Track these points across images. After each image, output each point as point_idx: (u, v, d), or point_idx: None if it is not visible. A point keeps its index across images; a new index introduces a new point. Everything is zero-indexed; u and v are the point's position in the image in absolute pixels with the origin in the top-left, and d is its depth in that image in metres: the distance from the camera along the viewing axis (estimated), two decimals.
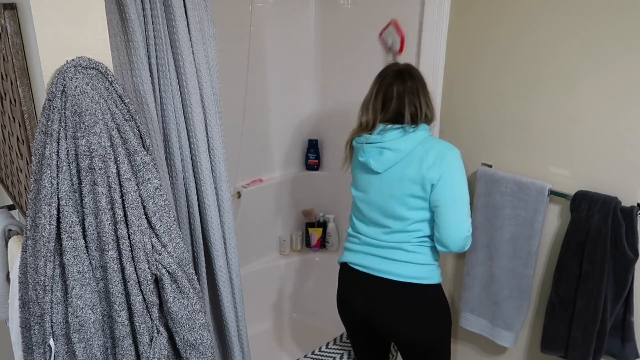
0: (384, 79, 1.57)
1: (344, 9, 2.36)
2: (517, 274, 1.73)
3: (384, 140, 1.52)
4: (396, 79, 1.55)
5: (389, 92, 1.54)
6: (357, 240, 1.67)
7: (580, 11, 1.50)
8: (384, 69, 1.61)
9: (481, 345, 2.02)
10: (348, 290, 1.68)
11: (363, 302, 1.63)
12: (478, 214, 1.82)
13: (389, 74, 1.57)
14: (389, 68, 1.60)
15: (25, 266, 1.01)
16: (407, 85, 1.54)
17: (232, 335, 1.47)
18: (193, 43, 1.25)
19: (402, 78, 1.55)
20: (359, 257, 1.64)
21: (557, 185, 1.64)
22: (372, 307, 1.61)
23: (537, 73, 1.63)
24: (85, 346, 0.99)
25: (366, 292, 1.62)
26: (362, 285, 1.63)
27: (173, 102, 1.26)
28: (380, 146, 1.53)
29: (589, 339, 1.53)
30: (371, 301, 1.61)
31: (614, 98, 1.48)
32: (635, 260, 1.48)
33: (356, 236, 1.67)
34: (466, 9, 1.78)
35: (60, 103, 0.93)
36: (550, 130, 1.63)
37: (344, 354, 1.93)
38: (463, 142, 1.89)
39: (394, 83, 1.54)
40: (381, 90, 1.56)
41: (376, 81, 1.59)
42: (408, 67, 1.60)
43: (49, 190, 0.94)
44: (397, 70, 1.57)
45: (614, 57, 1.45)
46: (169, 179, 1.31)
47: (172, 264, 1.04)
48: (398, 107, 1.53)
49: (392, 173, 1.53)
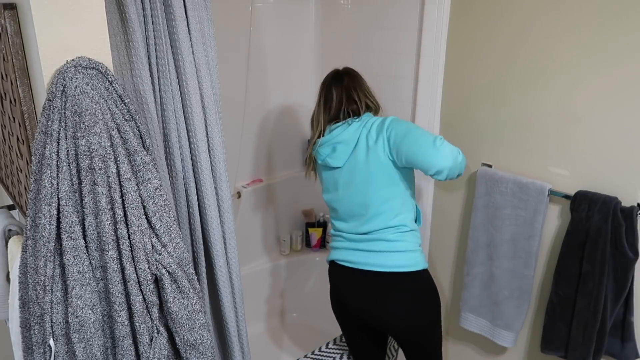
0: (323, 85, 1.70)
1: (344, 9, 2.36)
2: (517, 274, 1.73)
3: (333, 137, 1.61)
4: (333, 80, 1.67)
5: (329, 94, 1.66)
6: (339, 237, 1.69)
7: (580, 11, 1.50)
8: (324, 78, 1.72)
9: (481, 345, 2.02)
10: (338, 287, 1.70)
11: (354, 297, 1.64)
12: (478, 214, 1.82)
13: (326, 79, 1.70)
14: (328, 75, 1.72)
15: (25, 266, 1.01)
16: (344, 83, 1.65)
17: (232, 335, 1.47)
18: (193, 43, 1.25)
19: (339, 78, 1.67)
20: (344, 253, 1.65)
21: (557, 185, 1.64)
22: (363, 301, 1.62)
23: (537, 73, 1.63)
24: (85, 346, 0.99)
25: (355, 287, 1.63)
26: (351, 280, 1.64)
27: (173, 102, 1.26)
28: (331, 143, 1.62)
29: (589, 339, 1.53)
30: (361, 295, 1.62)
31: (614, 98, 1.48)
32: (635, 260, 1.48)
33: (338, 234, 1.70)
34: (466, 9, 1.78)
35: (60, 103, 0.93)
36: (550, 130, 1.63)
37: (344, 354, 1.93)
38: (463, 142, 1.89)
39: (332, 85, 1.66)
40: (322, 94, 1.68)
41: (319, 90, 1.71)
42: (345, 68, 1.71)
43: (49, 190, 0.94)
44: (333, 74, 1.70)
45: (614, 57, 1.46)
46: (169, 179, 1.31)
47: (172, 264, 1.04)
48: (338, 105, 1.64)
49: (351, 163, 1.59)
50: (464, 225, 1.95)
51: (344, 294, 1.68)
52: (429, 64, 1.92)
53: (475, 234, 1.84)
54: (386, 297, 1.58)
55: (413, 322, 1.60)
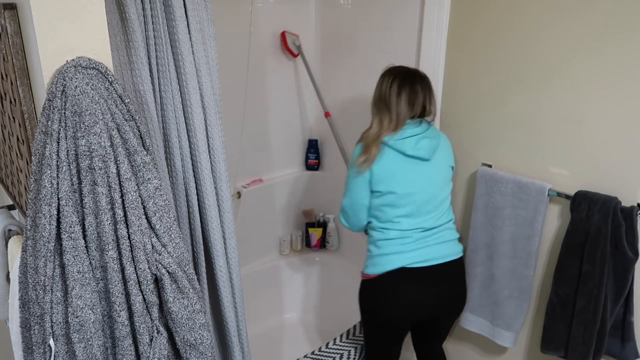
0: (403, 78, 1.67)
1: (344, 9, 2.36)
2: (517, 274, 1.73)
3: (419, 131, 1.65)
4: (416, 78, 1.67)
5: (413, 90, 1.65)
6: (406, 239, 1.66)
7: (580, 11, 1.50)
8: (391, 70, 1.70)
9: (481, 345, 2.02)
10: (412, 292, 1.66)
11: (434, 295, 1.69)
12: (478, 214, 1.82)
13: (406, 74, 1.68)
14: (400, 69, 1.69)
15: (25, 266, 1.01)
16: (425, 83, 1.69)
17: (232, 335, 1.47)
18: (193, 43, 1.25)
19: (420, 77, 1.69)
20: (415, 255, 1.65)
21: (557, 185, 1.64)
22: (443, 295, 1.70)
23: (538, 73, 1.63)
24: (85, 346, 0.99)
25: (436, 283, 1.68)
26: (430, 278, 1.67)
27: (173, 102, 1.26)
28: (418, 137, 1.64)
29: (589, 339, 1.53)
30: (442, 288, 1.70)
31: (614, 98, 1.48)
32: (635, 260, 1.48)
33: (404, 236, 1.66)
34: (466, 9, 1.78)
35: (60, 103, 0.93)
36: (550, 130, 1.63)
37: (344, 354, 1.94)
38: (463, 142, 1.89)
39: (415, 81, 1.66)
40: (404, 89, 1.65)
41: (392, 80, 1.66)
42: (415, 69, 1.72)
43: (49, 190, 0.94)
44: (412, 71, 1.69)
45: (614, 57, 1.45)
46: (169, 179, 1.31)
47: (172, 264, 1.04)
48: (423, 102, 1.68)
49: (437, 159, 1.68)
50: (464, 225, 1.95)
51: (423, 296, 1.67)
52: (429, 64, 1.92)
53: (475, 234, 1.84)
54: (460, 281, 1.74)
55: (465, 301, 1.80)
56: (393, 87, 1.65)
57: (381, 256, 1.67)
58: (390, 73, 1.69)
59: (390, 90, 1.65)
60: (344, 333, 2.04)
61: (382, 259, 1.67)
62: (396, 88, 1.64)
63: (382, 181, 1.63)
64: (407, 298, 1.66)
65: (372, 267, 1.69)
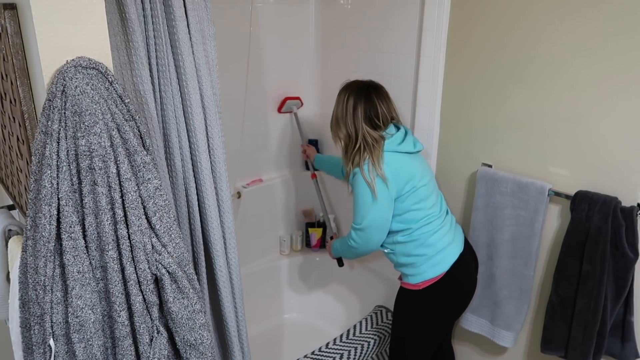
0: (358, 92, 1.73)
1: (344, 9, 2.36)
2: (517, 274, 1.73)
3: (399, 128, 1.74)
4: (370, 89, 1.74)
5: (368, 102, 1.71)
6: (445, 229, 1.70)
7: (580, 12, 1.50)
8: (345, 87, 1.78)
9: (481, 345, 2.02)
10: (470, 274, 1.76)
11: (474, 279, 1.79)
12: (478, 214, 1.82)
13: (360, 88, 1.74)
14: (354, 84, 1.77)
15: (25, 266, 1.01)
16: (379, 92, 1.75)
17: (232, 335, 1.47)
18: (193, 43, 1.24)
19: (375, 87, 1.76)
20: (456, 245, 1.71)
21: (557, 185, 1.64)
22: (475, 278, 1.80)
23: (538, 73, 1.63)
24: (85, 346, 0.99)
25: (473, 267, 1.77)
26: (471, 262, 1.75)
27: (173, 102, 1.26)
28: (407, 134, 1.73)
29: (589, 339, 1.53)
30: (475, 271, 1.80)
31: (614, 98, 1.48)
32: (635, 260, 1.48)
33: (442, 226, 1.70)
34: (466, 9, 1.78)
35: (60, 103, 0.93)
36: (550, 130, 1.63)
37: (344, 354, 1.93)
38: (463, 142, 1.89)
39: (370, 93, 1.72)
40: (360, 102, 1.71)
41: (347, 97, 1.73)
42: (369, 80, 1.80)
43: (49, 190, 0.94)
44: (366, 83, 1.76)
45: (614, 58, 1.46)
46: (169, 179, 1.31)
47: (172, 264, 1.04)
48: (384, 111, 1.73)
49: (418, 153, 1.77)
50: (464, 225, 1.95)
51: (472, 276, 1.76)
52: (429, 64, 1.92)
53: (475, 234, 1.84)
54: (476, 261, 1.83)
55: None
56: (349, 102, 1.71)
57: (439, 253, 1.66)
58: (345, 90, 1.75)
59: (346, 106, 1.71)
60: (344, 333, 2.04)
61: (440, 255, 1.66)
62: (352, 103, 1.70)
63: (404, 182, 1.64)
64: (470, 284, 1.76)
65: (432, 269, 1.65)
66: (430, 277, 1.66)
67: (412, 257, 1.68)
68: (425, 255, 1.66)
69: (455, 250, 1.69)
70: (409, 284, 1.70)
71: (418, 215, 1.66)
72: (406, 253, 1.69)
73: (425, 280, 1.66)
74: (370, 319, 2.11)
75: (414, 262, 1.68)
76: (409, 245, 1.68)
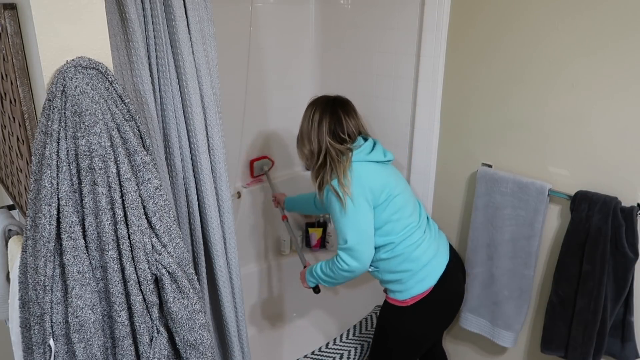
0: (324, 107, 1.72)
1: (344, 9, 2.36)
2: (517, 274, 1.73)
3: (368, 138, 1.75)
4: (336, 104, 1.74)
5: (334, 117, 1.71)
6: (427, 234, 1.71)
7: (580, 12, 1.50)
8: (312, 102, 1.77)
9: (481, 345, 2.02)
10: (458, 284, 1.78)
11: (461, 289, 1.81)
12: (478, 214, 1.82)
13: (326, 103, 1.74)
14: (320, 99, 1.76)
15: (25, 266, 1.01)
16: (345, 107, 1.75)
17: (232, 335, 1.47)
18: (193, 43, 1.25)
19: (341, 102, 1.76)
20: (441, 256, 1.70)
21: (557, 185, 1.64)
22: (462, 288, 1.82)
23: (538, 73, 1.63)
24: (85, 346, 0.99)
25: (460, 276, 1.79)
26: (457, 272, 1.76)
27: (173, 102, 1.26)
28: (375, 144, 1.74)
29: (589, 339, 1.53)
30: (462, 280, 1.82)
31: (614, 98, 1.48)
32: (635, 260, 1.48)
33: (423, 237, 1.69)
34: (466, 9, 1.78)
35: (60, 103, 0.93)
36: (550, 130, 1.63)
37: (344, 354, 1.93)
38: (463, 142, 1.89)
39: (336, 108, 1.72)
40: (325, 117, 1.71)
41: (313, 112, 1.72)
42: (335, 95, 1.79)
43: (49, 190, 0.94)
44: (332, 99, 1.76)
45: (614, 58, 1.45)
46: (169, 179, 1.31)
47: (172, 264, 1.04)
48: (351, 125, 1.73)
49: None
50: (464, 225, 1.95)
51: (458, 297, 1.78)
52: (429, 64, 1.92)
53: (475, 234, 1.84)
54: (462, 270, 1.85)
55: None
56: (314, 117, 1.71)
57: (424, 267, 1.64)
58: (311, 106, 1.75)
59: (312, 121, 1.71)
60: (344, 333, 2.04)
61: (426, 269, 1.64)
62: (317, 118, 1.70)
63: (380, 190, 1.62)
64: (458, 297, 1.77)
65: (419, 285, 1.63)
66: (417, 292, 1.64)
67: (397, 274, 1.66)
68: (411, 271, 1.63)
69: (441, 262, 1.67)
70: (395, 300, 1.68)
71: (398, 227, 1.64)
72: (390, 270, 1.67)
73: (413, 296, 1.65)
74: (370, 319, 2.11)
75: (399, 279, 1.66)
76: (393, 262, 1.65)
